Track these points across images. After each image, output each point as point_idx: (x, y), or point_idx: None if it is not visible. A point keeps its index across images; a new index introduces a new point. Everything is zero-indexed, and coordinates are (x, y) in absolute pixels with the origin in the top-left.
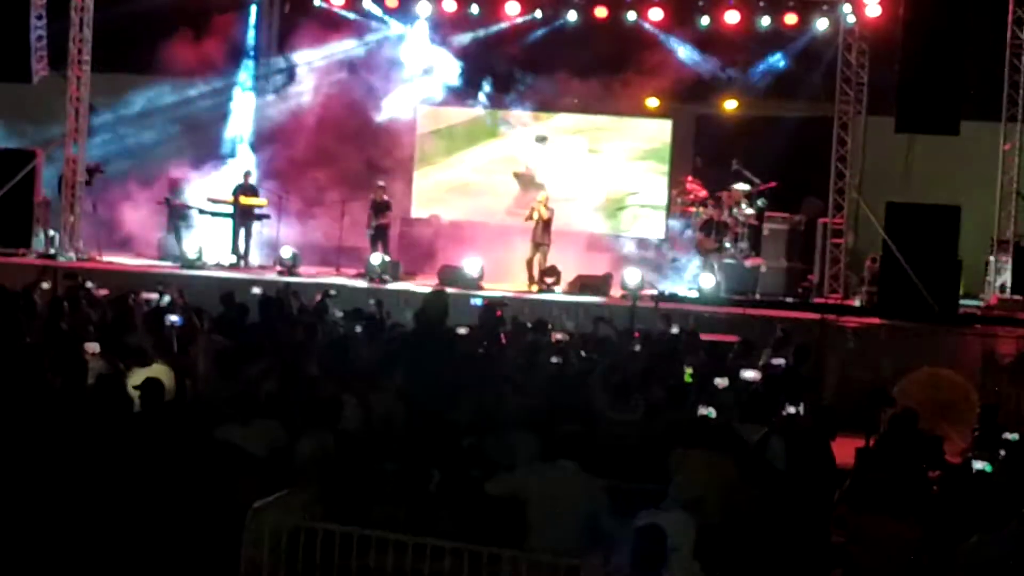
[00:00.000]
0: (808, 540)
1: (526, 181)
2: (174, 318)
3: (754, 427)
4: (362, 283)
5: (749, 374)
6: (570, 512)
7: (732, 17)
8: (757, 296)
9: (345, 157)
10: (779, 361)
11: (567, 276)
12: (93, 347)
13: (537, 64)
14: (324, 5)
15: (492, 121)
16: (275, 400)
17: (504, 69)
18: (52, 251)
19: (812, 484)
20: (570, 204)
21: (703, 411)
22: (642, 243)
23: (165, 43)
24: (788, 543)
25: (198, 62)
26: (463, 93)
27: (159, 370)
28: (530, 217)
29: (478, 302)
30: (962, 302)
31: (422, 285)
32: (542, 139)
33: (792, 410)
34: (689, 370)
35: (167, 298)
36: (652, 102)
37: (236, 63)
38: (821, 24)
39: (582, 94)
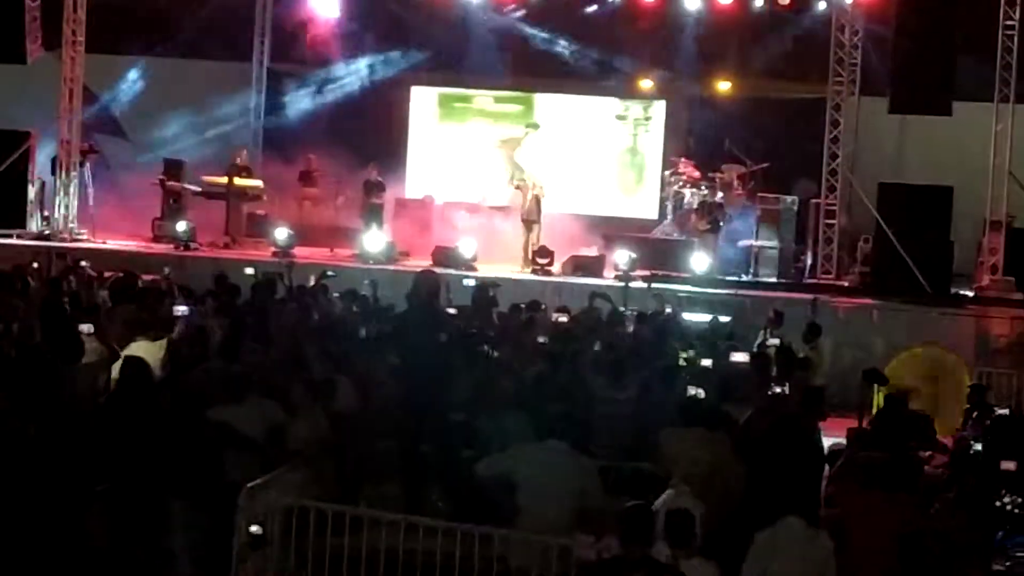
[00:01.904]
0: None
1: (510, 163)
2: (183, 308)
3: (739, 407)
4: (356, 264)
5: (738, 356)
6: (561, 492)
7: None
8: (750, 277)
9: (339, 137)
10: (773, 342)
11: (560, 257)
12: (87, 328)
13: (530, 45)
14: None
15: (486, 102)
16: (270, 380)
17: (497, 50)
18: (47, 232)
19: (798, 463)
20: (562, 185)
21: (692, 391)
22: (635, 224)
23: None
24: (776, 521)
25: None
26: (457, 74)
27: (142, 347)
28: (521, 190)
29: (471, 283)
30: (954, 283)
31: (416, 266)
32: (533, 126)
33: (778, 390)
34: (683, 354)
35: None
36: (646, 83)
37: (230, 42)
38: (814, 5)
39: (576, 74)
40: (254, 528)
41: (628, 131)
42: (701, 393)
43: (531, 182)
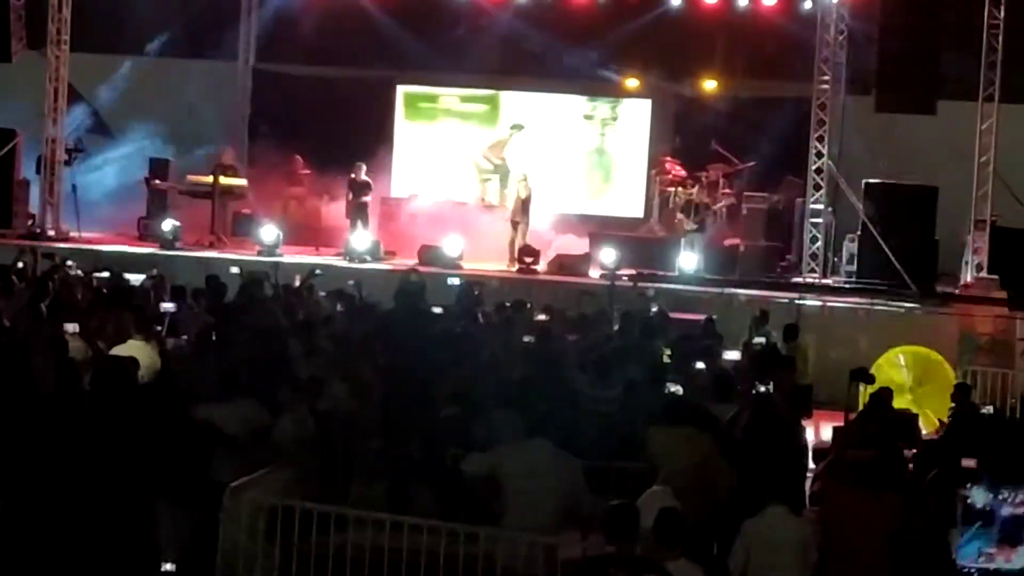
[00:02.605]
0: None
1: (491, 166)
2: (169, 306)
3: (727, 406)
4: (342, 263)
5: (731, 355)
6: (547, 491)
7: None
8: (736, 276)
9: (325, 136)
10: (759, 340)
11: (546, 256)
12: (72, 327)
13: (516, 44)
14: None
15: (452, 101)
16: (255, 379)
17: (483, 49)
18: (32, 231)
19: (782, 461)
20: (548, 184)
21: (672, 388)
22: (621, 223)
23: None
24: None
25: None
26: (443, 73)
27: (136, 347)
28: (509, 189)
29: (456, 281)
30: (938, 281)
31: (402, 264)
32: (518, 127)
33: (763, 389)
34: (667, 351)
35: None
36: (632, 82)
37: (215, 41)
38: (799, 3)
39: (562, 73)
40: None
41: (595, 131)
42: (679, 390)
43: (518, 182)
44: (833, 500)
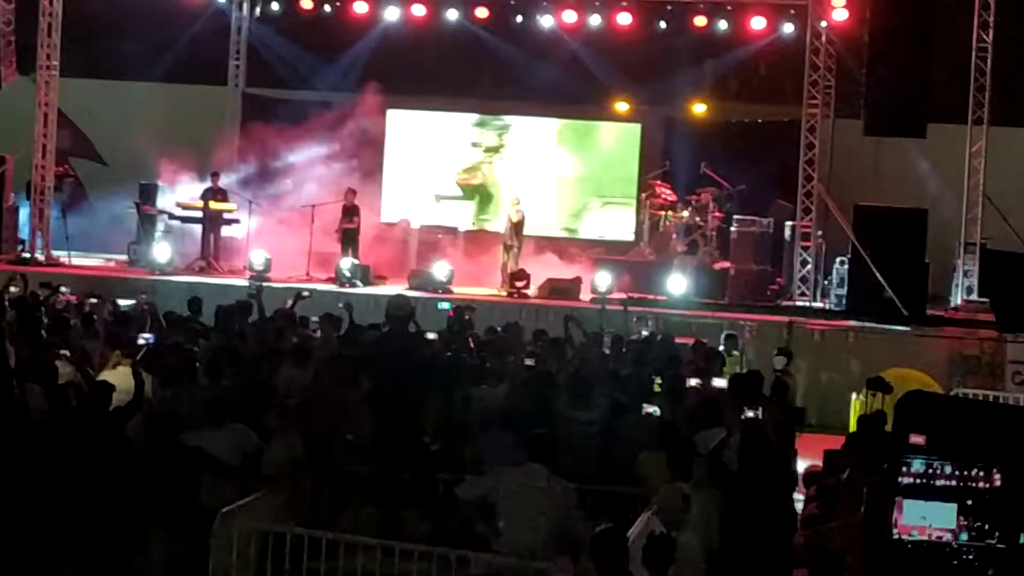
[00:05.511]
0: (770, 541)
1: (476, 189)
2: (148, 336)
3: (714, 431)
4: (332, 287)
5: (717, 381)
6: (539, 516)
7: (700, 21)
8: (726, 299)
9: (315, 161)
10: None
11: (537, 280)
12: (64, 353)
13: (506, 68)
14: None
15: (460, 125)
16: (245, 405)
17: (474, 73)
18: (23, 256)
19: (771, 486)
20: (540, 208)
21: (648, 410)
22: (611, 247)
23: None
24: (750, 544)
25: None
26: (432, 98)
27: (121, 373)
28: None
29: (446, 306)
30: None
31: (392, 290)
32: (495, 149)
33: (751, 414)
34: (658, 380)
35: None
36: (621, 106)
37: (205, 66)
38: (788, 28)
39: (552, 97)
40: None
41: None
42: (656, 411)
43: (511, 206)
44: (846, 522)
